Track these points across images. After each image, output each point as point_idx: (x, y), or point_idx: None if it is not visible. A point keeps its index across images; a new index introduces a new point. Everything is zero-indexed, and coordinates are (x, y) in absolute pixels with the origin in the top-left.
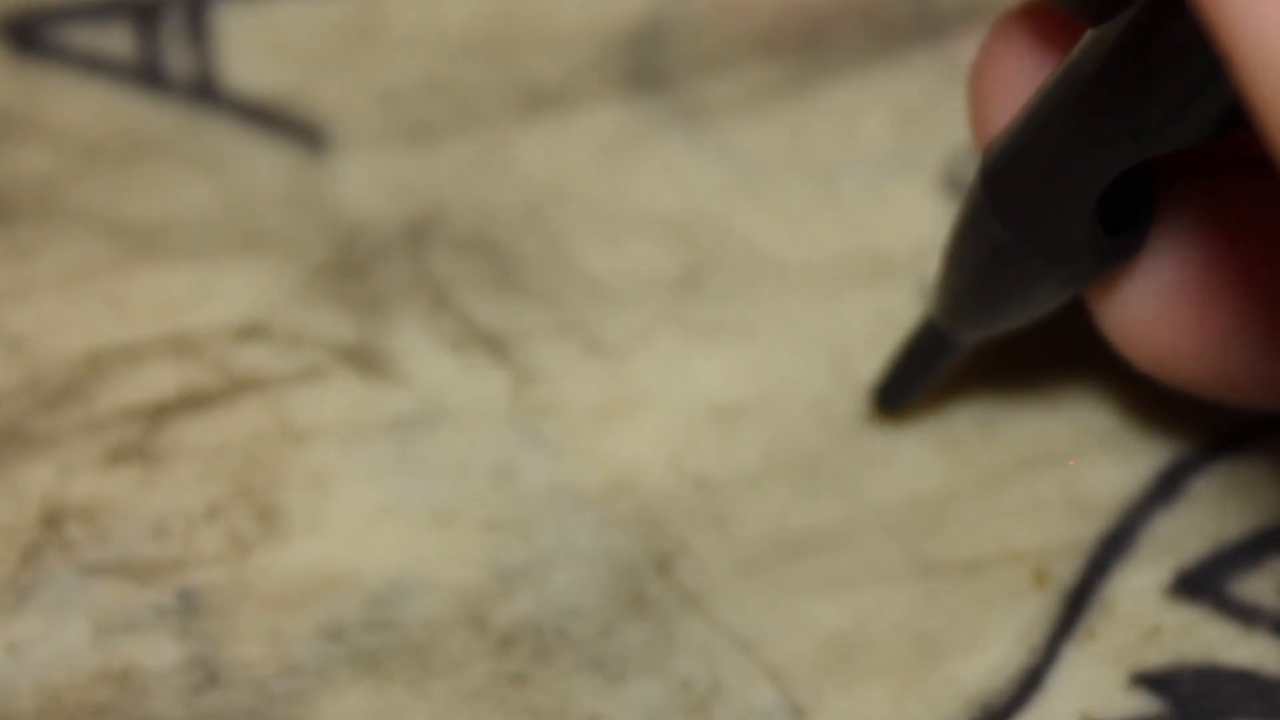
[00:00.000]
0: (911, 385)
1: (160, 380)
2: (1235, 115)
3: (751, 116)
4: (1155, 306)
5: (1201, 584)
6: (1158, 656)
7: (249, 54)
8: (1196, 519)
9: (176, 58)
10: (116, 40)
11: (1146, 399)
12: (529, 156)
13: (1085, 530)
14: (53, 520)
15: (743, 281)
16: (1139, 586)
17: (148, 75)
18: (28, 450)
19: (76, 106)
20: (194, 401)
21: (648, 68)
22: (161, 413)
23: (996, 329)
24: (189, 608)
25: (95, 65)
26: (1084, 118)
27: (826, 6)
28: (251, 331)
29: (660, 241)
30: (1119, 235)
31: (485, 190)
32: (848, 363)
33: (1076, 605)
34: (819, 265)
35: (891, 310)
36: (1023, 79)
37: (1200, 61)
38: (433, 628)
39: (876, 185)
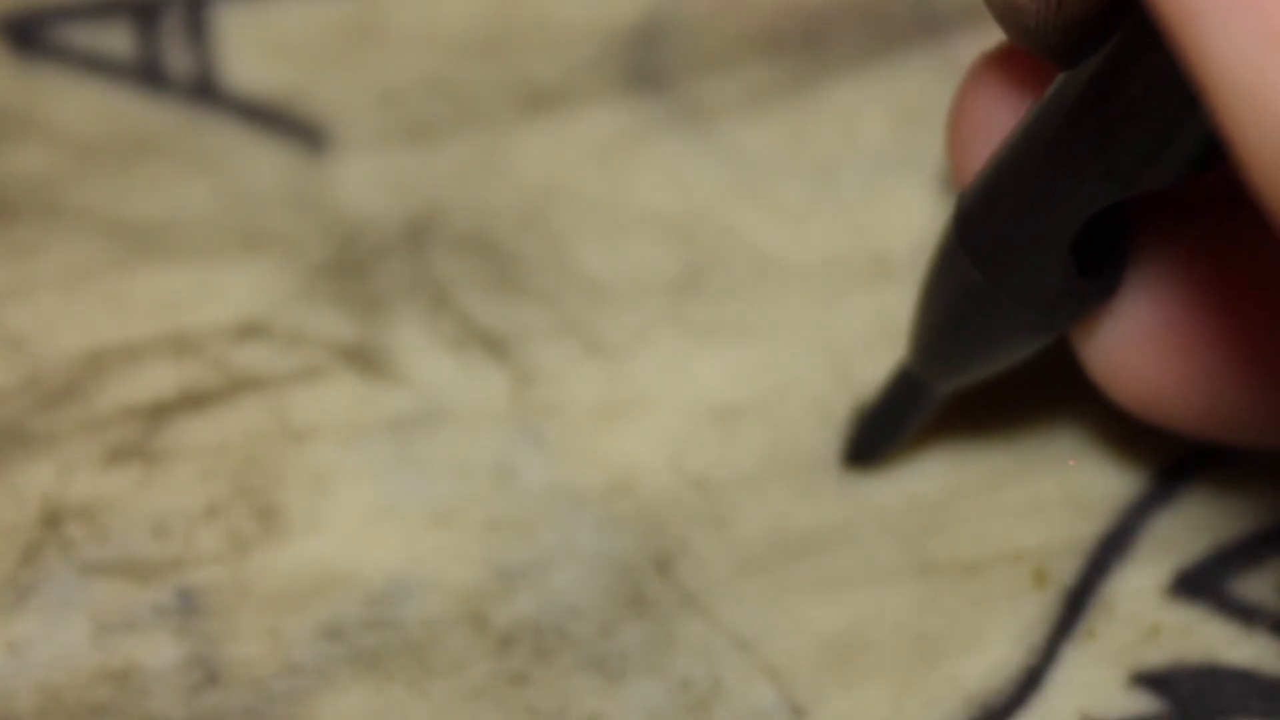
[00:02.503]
0: (887, 436)
1: (160, 380)
2: (1208, 155)
3: (751, 116)
4: (1137, 346)
5: (1201, 583)
6: (1157, 656)
7: (249, 53)
8: (1196, 519)
9: (176, 57)
10: (116, 40)
11: None
12: (529, 156)
13: (1085, 530)
14: (53, 520)
15: (743, 282)
16: (1139, 586)
17: (147, 75)
18: (28, 450)
19: (76, 106)
20: (194, 401)
21: (648, 68)
22: (161, 412)
23: (973, 376)
24: (189, 607)
25: (95, 65)
26: (1055, 160)
27: (826, 6)
28: (251, 331)
29: (660, 241)
30: (1095, 277)
31: (485, 190)
32: (847, 363)
33: (1076, 605)
34: (819, 265)
35: (891, 310)
36: (999, 122)
37: (1170, 103)
38: (433, 627)
39: (876, 185)
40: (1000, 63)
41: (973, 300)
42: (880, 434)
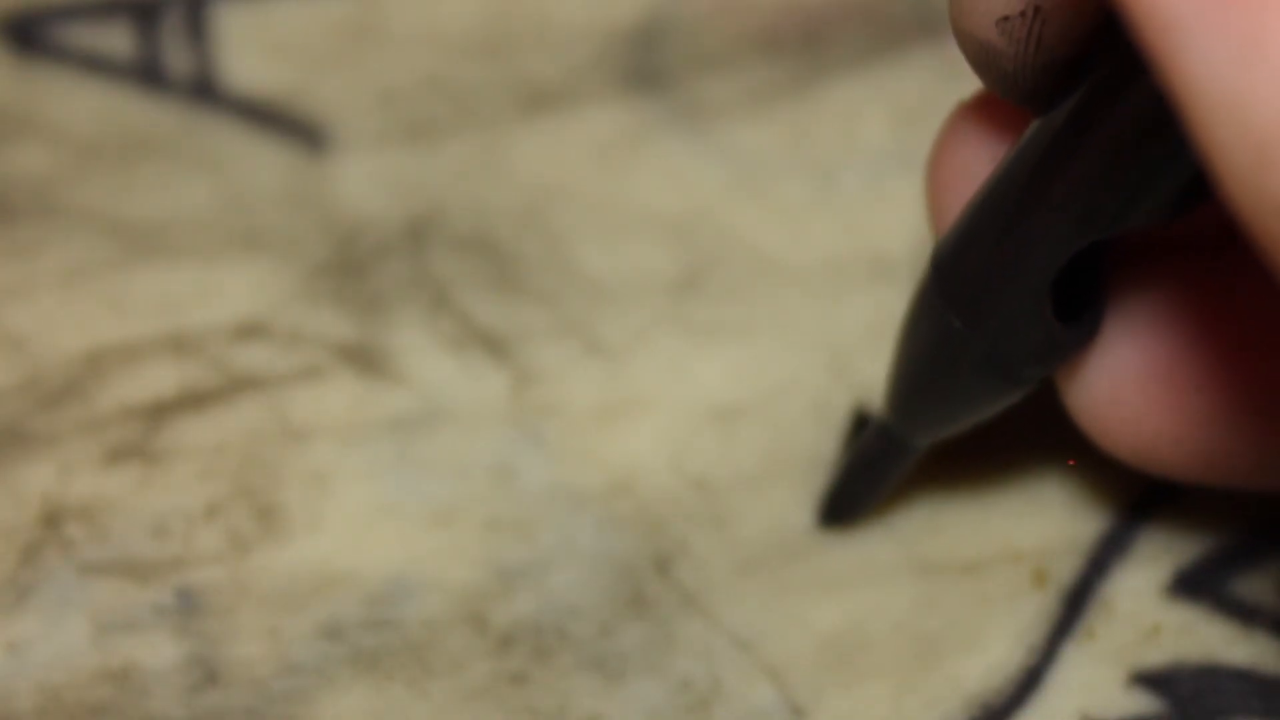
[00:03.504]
0: (863, 495)
1: (160, 379)
2: (1186, 197)
3: (751, 116)
4: (1123, 392)
5: (1201, 583)
6: (1157, 656)
7: (248, 53)
8: (1195, 519)
9: (176, 57)
10: (116, 40)
11: None
12: (529, 156)
13: (1085, 530)
14: (52, 519)
15: (743, 282)
16: (1138, 586)
17: (147, 75)
18: (28, 450)
19: (76, 106)
20: (193, 401)
21: (648, 68)
22: (161, 412)
23: (951, 428)
24: (188, 607)
25: (95, 65)
26: (1030, 204)
27: (826, 6)
28: (251, 331)
29: (660, 241)
30: (1074, 323)
31: (485, 190)
32: (847, 363)
33: (1076, 605)
34: (819, 265)
35: (891, 310)
36: (976, 171)
37: (1147, 143)
38: (432, 627)
39: (876, 185)
40: (977, 111)
41: (951, 348)
42: (857, 493)
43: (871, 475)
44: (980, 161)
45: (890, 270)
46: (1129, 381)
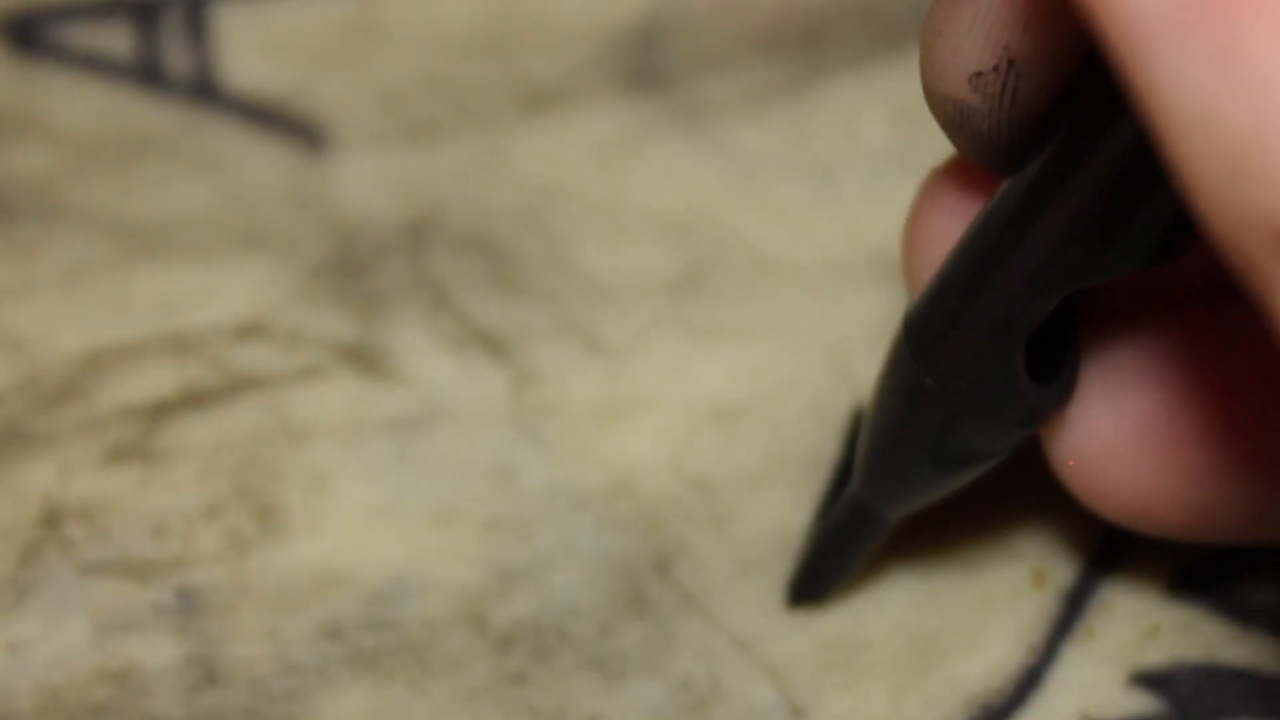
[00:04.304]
0: (833, 571)
1: (160, 379)
2: (1161, 244)
3: (751, 116)
4: (1107, 449)
5: (1200, 583)
6: (1157, 655)
7: (248, 53)
8: None
9: (176, 57)
10: (116, 40)
11: None
12: (529, 156)
13: (1085, 530)
14: (52, 520)
15: (742, 282)
16: (1138, 586)
17: (147, 75)
18: (28, 450)
19: (76, 106)
20: (193, 400)
21: (648, 67)
22: (161, 412)
23: (922, 497)
24: (188, 607)
25: (95, 65)
26: (1001, 259)
27: (826, 6)
28: (251, 331)
29: (660, 241)
30: (1048, 385)
31: (485, 190)
32: (847, 363)
33: (1076, 604)
34: (819, 265)
35: (891, 310)
36: (951, 233)
37: (1116, 192)
38: (432, 627)
39: (876, 185)
40: (951, 175)
41: (923, 409)
42: (827, 569)
43: (842, 550)
44: (954, 225)
45: (890, 270)
46: (1116, 437)
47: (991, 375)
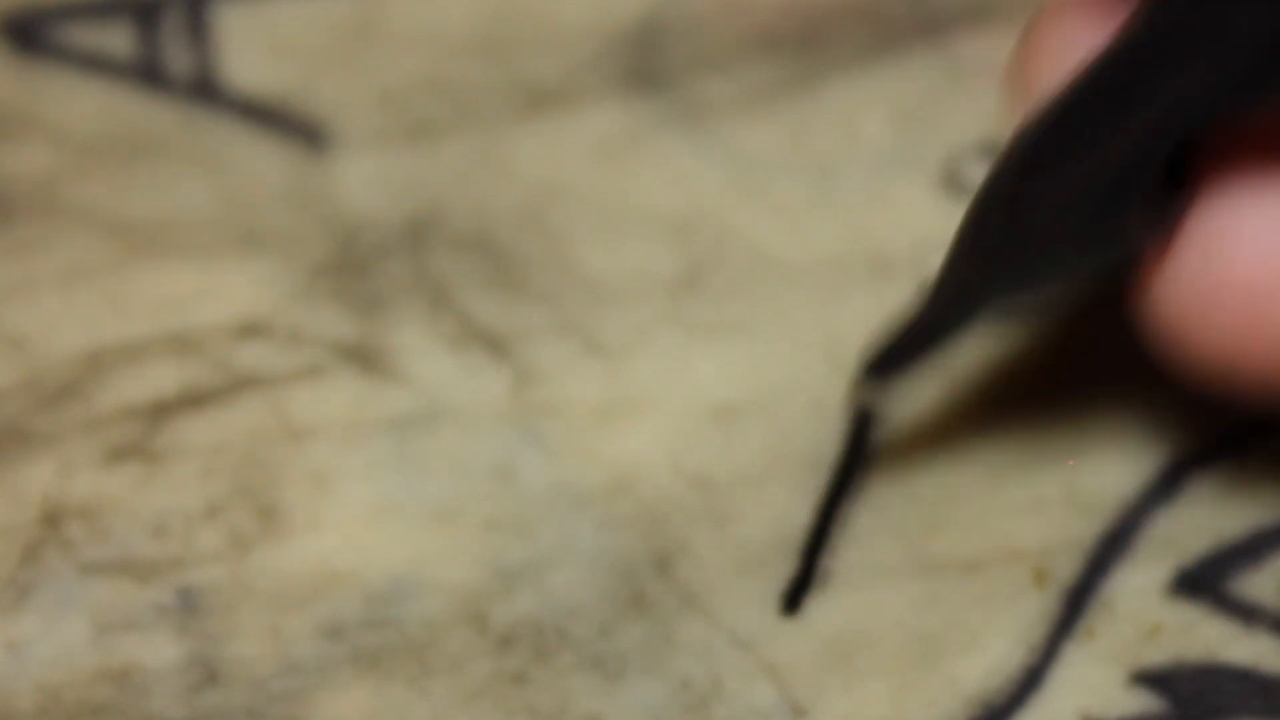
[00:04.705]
0: (910, 359)
1: (160, 379)
2: None
3: (751, 116)
4: (1217, 293)
5: (1201, 582)
6: (1158, 655)
7: (249, 53)
8: (1197, 517)
9: (176, 57)
10: (116, 39)
11: (1147, 398)
12: (529, 156)
13: (1085, 529)
14: (53, 519)
15: (742, 281)
16: (1139, 585)
17: (148, 74)
18: (28, 449)
19: (76, 105)
20: (194, 400)
21: (648, 67)
22: (161, 411)
23: (1029, 286)
24: (189, 606)
25: (95, 64)
26: (1156, 60)
27: (826, 6)
28: (251, 330)
29: (660, 241)
30: (1168, 200)
31: (485, 190)
32: (847, 363)
33: (1076, 604)
34: (819, 265)
35: (891, 310)
36: (1075, 45)
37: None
38: (433, 627)
39: (876, 185)
40: None
41: (1047, 178)
42: (905, 357)
43: (924, 343)
44: (1083, 35)
45: (890, 270)
46: (1217, 282)
47: (1125, 164)
